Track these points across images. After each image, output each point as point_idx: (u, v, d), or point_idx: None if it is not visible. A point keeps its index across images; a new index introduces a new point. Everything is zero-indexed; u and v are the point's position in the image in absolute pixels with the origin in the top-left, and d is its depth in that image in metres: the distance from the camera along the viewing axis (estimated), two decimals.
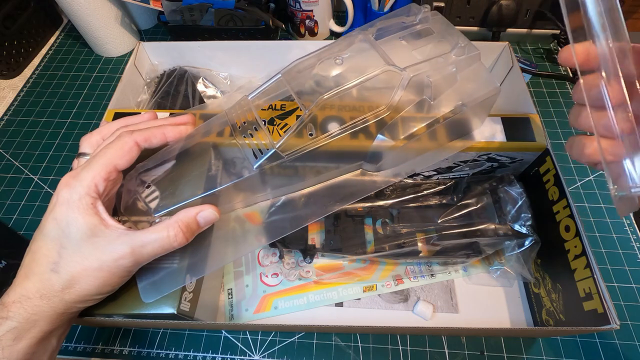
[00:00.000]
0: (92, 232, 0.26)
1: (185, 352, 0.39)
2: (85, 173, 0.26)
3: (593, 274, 0.30)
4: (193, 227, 0.27)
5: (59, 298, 0.25)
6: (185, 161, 0.32)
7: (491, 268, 0.41)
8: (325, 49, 0.32)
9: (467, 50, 0.29)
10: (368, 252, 0.40)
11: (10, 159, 0.54)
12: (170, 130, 0.30)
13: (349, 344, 0.39)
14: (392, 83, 0.29)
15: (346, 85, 0.28)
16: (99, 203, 0.26)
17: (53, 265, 0.25)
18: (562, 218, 0.35)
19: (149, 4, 0.57)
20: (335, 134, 0.30)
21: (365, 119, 0.31)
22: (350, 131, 0.30)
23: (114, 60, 0.65)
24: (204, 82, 0.54)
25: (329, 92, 0.28)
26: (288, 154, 0.30)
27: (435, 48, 0.31)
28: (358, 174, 0.34)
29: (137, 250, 0.26)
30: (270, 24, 0.56)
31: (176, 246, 0.27)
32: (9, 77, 0.63)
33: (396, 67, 0.28)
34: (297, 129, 0.30)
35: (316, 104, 0.28)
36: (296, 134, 0.30)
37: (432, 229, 0.40)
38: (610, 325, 0.28)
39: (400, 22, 0.33)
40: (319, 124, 0.32)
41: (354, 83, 0.28)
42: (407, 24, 0.33)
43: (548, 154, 0.36)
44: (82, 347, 0.40)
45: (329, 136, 0.30)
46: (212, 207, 0.28)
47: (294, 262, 0.43)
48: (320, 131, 0.31)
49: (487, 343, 0.39)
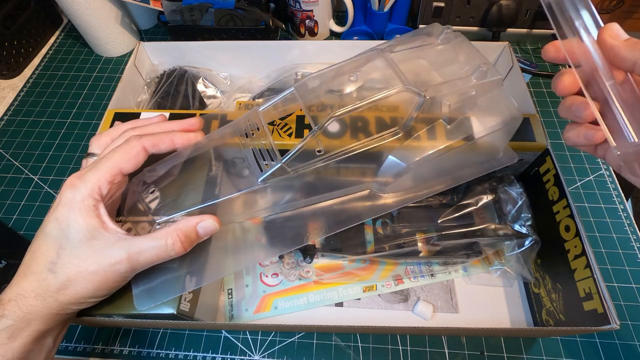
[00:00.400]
0: (91, 234, 0.26)
1: (185, 352, 0.39)
2: (90, 175, 0.26)
3: (593, 274, 0.30)
4: (192, 236, 0.27)
5: (53, 298, 0.25)
6: (191, 169, 0.32)
7: (491, 268, 0.41)
8: (341, 64, 0.31)
9: (489, 74, 0.28)
10: (368, 252, 0.40)
11: (10, 159, 0.54)
12: (178, 136, 0.30)
13: (349, 344, 0.39)
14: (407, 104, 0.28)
15: (359, 103, 0.27)
16: (101, 205, 0.26)
17: (50, 265, 0.25)
18: (562, 218, 0.35)
19: (149, 4, 0.57)
20: (345, 153, 0.29)
21: (377, 139, 0.29)
22: (360, 151, 0.29)
23: (114, 60, 0.65)
24: (204, 82, 0.54)
25: (340, 109, 0.27)
26: (294, 169, 0.29)
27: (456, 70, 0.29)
28: (366, 195, 0.33)
29: (133, 256, 0.25)
30: (270, 24, 0.56)
31: (173, 255, 0.27)
32: (9, 77, 0.63)
33: (413, 88, 0.27)
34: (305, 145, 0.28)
35: (327, 120, 0.28)
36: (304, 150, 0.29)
37: (432, 229, 0.40)
38: (610, 325, 0.28)
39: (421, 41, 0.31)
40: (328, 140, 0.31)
41: (368, 102, 0.27)
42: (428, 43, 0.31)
43: (548, 154, 0.36)
44: (82, 347, 0.40)
45: (338, 154, 0.29)
46: (212, 218, 0.28)
47: (294, 262, 0.43)
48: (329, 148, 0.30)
49: (487, 343, 0.38)
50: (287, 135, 0.36)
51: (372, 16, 0.60)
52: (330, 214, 0.32)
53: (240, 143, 0.31)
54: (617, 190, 0.47)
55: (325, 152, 0.29)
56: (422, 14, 0.60)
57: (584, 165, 0.50)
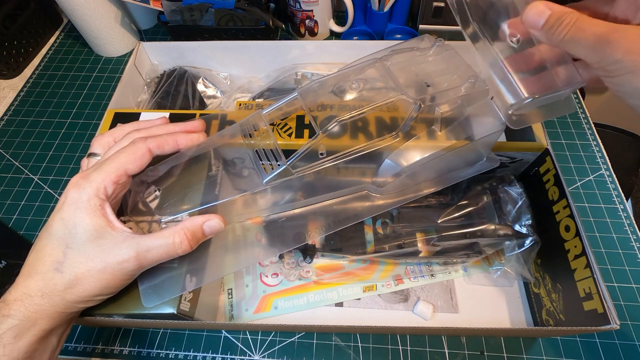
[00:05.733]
0: (98, 233, 0.26)
1: (185, 352, 0.39)
2: (95, 175, 0.27)
3: (593, 274, 0.30)
4: (198, 235, 0.28)
5: (60, 297, 0.25)
6: (194, 169, 0.33)
7: (491, 268, 0.41)
8: (342, 71, 0.33)
9: (477, 85, 0.30)
10: (368, 252, 0.40)
11: (10, 159, 0.54)
12: (182, 137, 0.31)
13: (349, 344, 0.39)
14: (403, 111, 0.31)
15: (361, 110, 0.29)
16: (107, 205, 0.27)
17: (57, 265, 0.25)
18: (562, 218, 0.35)
19: (149, 4, 0.57)
20: (346, 156, 0.31)
21: (376, 144, 0.31)
22: (360, 154, 0.31)
23: (114, 60, 0.65)
24: (204, 82, 0.54)
25: (344, 115, 0.29)
26: (298, 171, 0.30)
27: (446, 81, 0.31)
28: (363, 195, 0.34)
29: (141, 254, 0.26)
30: (270, 24, 0.56)
31: (180, 253, 0.27)
32: (9, 77, 0.63)
33: (408, 96, 0.29)
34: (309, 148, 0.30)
35: (331, 125, 0.29)
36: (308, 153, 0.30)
37: (432, 229, 0.40)
38: (610, 325, 0.28)
39: (413, 51, 0.34)
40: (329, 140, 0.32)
41: (369, 108, 0.29)
42: (421, 53, 0.33)
43: (548, 154, 0.36)
44: (82, 347, 0.40)
45: (341, 157, 0.31)
46: (218, 217, 0.28)
47: (294, 262, 0.43)
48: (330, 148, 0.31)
49: (487, 343, 0.39)
50: (287, 135, 0.36)
51: (372, 16, 0.60)
52: (330, 214, 0.33)
53: (244, 143, 0.32)
54: (617, 190, 0.47)
55: (328, 155, 0.30)
56: (422, 14, 0.60)
57: (584, 165, 0.50)
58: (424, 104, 0.29)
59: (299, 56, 0.52)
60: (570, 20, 0.23)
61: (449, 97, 0.30)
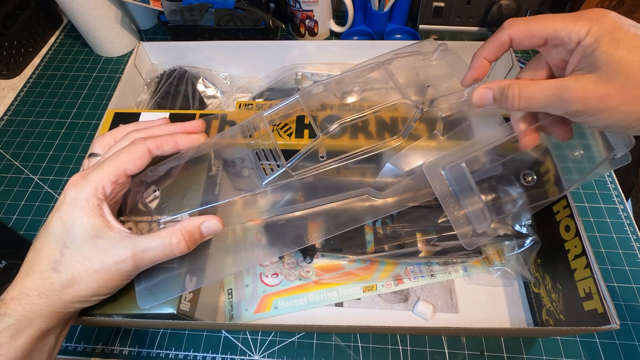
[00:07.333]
0: (95, 233, 0.26)
1: (185, 352, 0.39)
2: (94, 174, 0.27)
3: (593, 274, 0.30)
4: (196, 236, 0.27)
5: (56, 297, 0.25)
6: (193, 170, 0.32)
7: (491, 268, 0.41)
8: (344, 74, 0.33)
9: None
10: (368, 252, 0.40)
11: (10, 159, 0.54)
12: (182, 138, 0.31)
13: (349, 344, 0.39)
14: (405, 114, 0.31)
15: (362, 113, 0.29)
16: (105, 205, 0.27)
17: (54, 264, 0.25)
18: (562, 218, 0.35)
19: (149, 4, 0.57)
20: (347, 159, 0.31)
21: (377, 147, 0.31)
22: (361, 157, 0.31)
23: (114, 60, 0.65)
24: (204, 82, 0.54)
25: (345, 118, 0.29)
26: (298, 174, 0.30)
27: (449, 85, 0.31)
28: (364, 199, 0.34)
29: (138, 254, 0.26)
30: (270, 24, 0.56)
31: (177, 254, 0.27)
32: (9, 77, 0.63)
33: (411, 100, 0.29)
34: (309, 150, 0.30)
35: (333, 128, 0.29)
36: (308, 155, 0.30)
37: (432, 229, 0.40)
38: (610, 325, 0.28)
39: (416, 55, 0.34)
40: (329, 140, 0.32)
41: (370, 112, 0.29)
42: (424, 57, 0.33)
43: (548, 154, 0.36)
44: (82, 347, 0.40)
45: (340, 160, 0.31)
46: (216, 218, 0.28)
47: (294, 262, 0.43)
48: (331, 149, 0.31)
49: (487, 343, 0.39)
50: (287, 135, 0.36)
51: (372, 16, 0.60)
52: (330, 216, 0.33)
53: (245, 143, 0.32)
54: (617, 190, 0.47)
55: (328, 156, 0.30)
56: (422, 14, 0.60)
57: None
58: (425, 107, 0.29)
59: (299, 56, 0.52)
60: (513, 92, 0.25)
61: (451, 102, 0.30)
